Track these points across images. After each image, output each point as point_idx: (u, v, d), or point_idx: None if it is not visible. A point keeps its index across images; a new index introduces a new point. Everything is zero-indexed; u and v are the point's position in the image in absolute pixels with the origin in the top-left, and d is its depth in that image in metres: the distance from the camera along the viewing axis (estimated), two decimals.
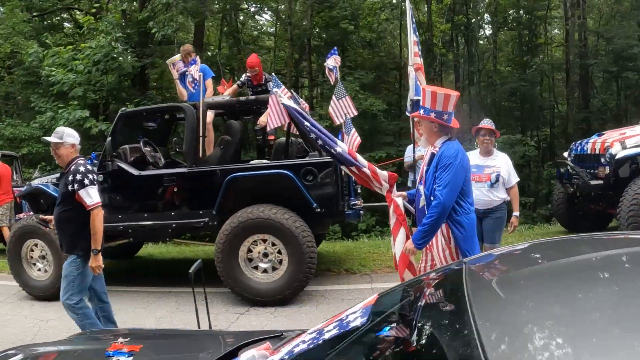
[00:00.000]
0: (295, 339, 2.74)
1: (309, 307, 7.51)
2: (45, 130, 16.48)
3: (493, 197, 6.78)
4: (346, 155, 5.60)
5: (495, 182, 6.74)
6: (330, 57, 9.05)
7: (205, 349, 3.23)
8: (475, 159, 6.77)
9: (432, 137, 5.09)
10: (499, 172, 6.74)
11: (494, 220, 6.87)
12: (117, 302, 8.00)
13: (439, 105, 5.01)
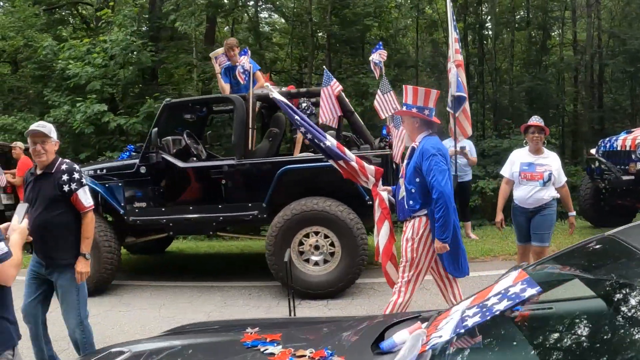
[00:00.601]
0: (442, 317, 2.78)
1: (361, 299, 7.47)
2: (58, 125, 16.34)
3: (543, 195, 6.59)
4: (335, 149, 5.84)
5: (548, 181, 6.55)
6: (375, 52, 9.00)
7: (346, 332, 3.18)
8: (525, 156, 6.70)
9: (414, 133, 5.40)
10: (551, 170, 6.55)
11: (543, 218, 6.66)
12: (159, 297, 7.99)
13: (420, 101, 5.32)
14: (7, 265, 2.90)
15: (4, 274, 2.91)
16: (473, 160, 10.48)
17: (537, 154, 6.67)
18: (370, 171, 5.93)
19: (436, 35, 23.02)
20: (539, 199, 6.59)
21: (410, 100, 5.37)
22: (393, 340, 2.69)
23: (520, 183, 6.69)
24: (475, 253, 9.37)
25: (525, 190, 6.65)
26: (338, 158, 5.88)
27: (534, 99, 19.89)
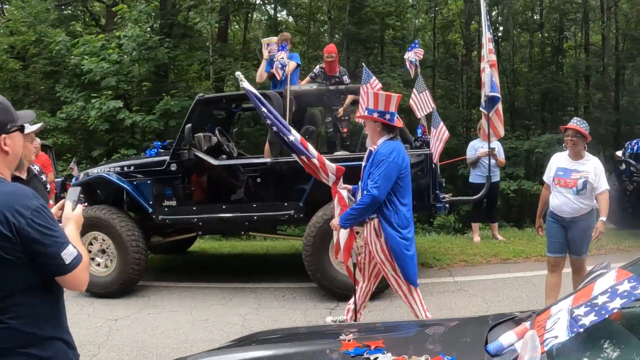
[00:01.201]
0: (544, 318, 2.72)
1: (400, 301, 7.13)
2: (71, 121, 16.16)
3: (580, 204, 6.13)
4: (298, 145, 6.01)
5: (582, 189, 6.07)
6: (411, 50, 8.85)
7: (448, 336, 3.03)
8: (563, 161, 6.30)
9: (376, 136, 5.60)
10: (587, 177, 6.06)
11: (581, 231, 6.23)
12: (189, 299, 7.82)
13: (380, 105, 5.50)
14: (80, 270, 2.45)
15: (78, 280, 2.46)
16: (501, 161, 10.34)
17: (576, 158, 6.21)
18: (331, 169, 6.09)
19: (450, 36, 22.91)
20: (575, 209, 6.16)
21: (371, 105, 5.58)
22: (500, 343, 2.63)
23: (554, 189, 6.33)
24: (507, 254, 9.25)
25: (558, 198, 6.26)
26: (301, 153, 6.04)
27: (550, 101, 19.79)
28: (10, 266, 2.28)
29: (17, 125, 2.50)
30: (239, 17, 22.10)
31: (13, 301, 2.32)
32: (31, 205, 2.31)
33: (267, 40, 9.22)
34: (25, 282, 2.34)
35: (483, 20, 8.45)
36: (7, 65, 18.06)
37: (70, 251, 2.39)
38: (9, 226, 2.25)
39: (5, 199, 2.30)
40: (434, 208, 7.68)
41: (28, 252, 2.30)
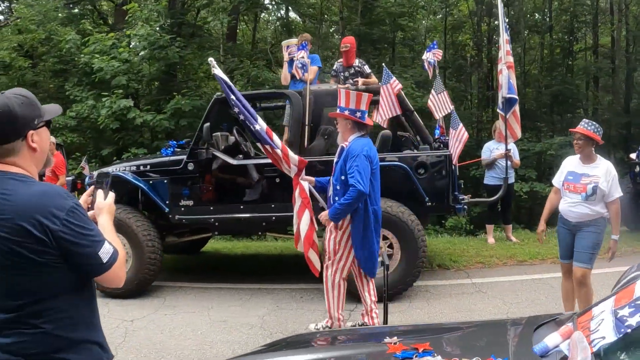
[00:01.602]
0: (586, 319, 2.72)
1: (419, 302, 7.28)
2: (80, 120, 16.13)
3: (589, 210, 5.84)
4: (263, 134, 6.14)
5: (591, 195, 5.78)
6: (429, 51, 8.80)
7: (494, 337, 2.99)
8: (574, 164, 6.04)
9: (347, 133, 5.90)
10: (597, 183, 5.75)
11: (586, 235, 5.90)
12: (205, 299, 7.77)
13: (352, 104, 5.79)
14: (118, 267, 2.36)
15: (116, 277, 2.38)
16: (517, 163, 10.30)
17: (587, 162, 5.93)
18: (294, 161, 6.25)
19: (460, 37, 22.86)
20: (582, 214, 5.89)
21: (343, 103, 5.83)
22: (546, 344, 2.63)
23: (563, 194, 6.08)
24: (523, 256, 9.20)
25: (567, 203, 6.01)
26: (265, 143, 6.18)
27: (560, 103, 19.74)
28: (43, 270, 2.21)
29: (44, 120, 2.39)
30: (247, 17, 22.06)
31: (46, 305, 2.25)
32: (65, 206, 2.23)
33: (287, 42, 9.21)
34: (59, 285, 2.27)
35: (500, 22, 8.41)
36: (16, 63, 18.04)
37: (107, 249, 2.31)
38: (43, 229, 2.16)
39: (38, 200, 2.21)
40: (453, 209, 7.63)
41: (64, 254, 2.23)
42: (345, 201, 5.66)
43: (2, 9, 24.90)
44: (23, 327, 2.22)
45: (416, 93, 15.94)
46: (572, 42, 21.86)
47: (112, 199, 2.67)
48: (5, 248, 2.17)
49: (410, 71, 17.30)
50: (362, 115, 5.83)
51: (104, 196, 2.66)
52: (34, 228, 2.15)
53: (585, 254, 5.90)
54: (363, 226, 5.79)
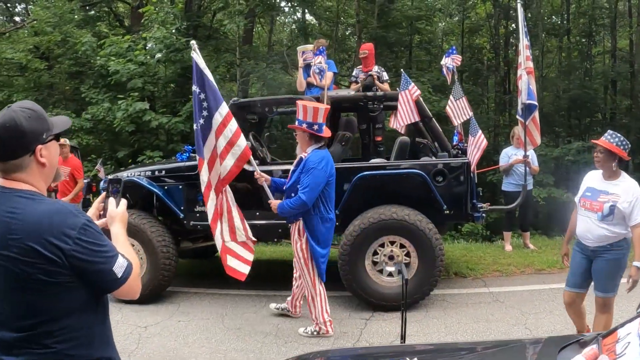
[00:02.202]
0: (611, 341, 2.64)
1: (436, 312, 7.17)
2: (96, 122, 16.14)
3: (607, 231, 5.22)
4: (199, 134, 6.37)
5: (608, 215, 5.18)
6: (448, 56, 8.71)
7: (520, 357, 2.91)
8: (595, 180, 5.46)
9: (305, 145, 6.26)
10: (615, 202, 5.14)
11: (606, 263, 5.30)
12: (220, 306, 7.75)
13: (309, 117, 6.07)
14: (133, 279, 2.32)
15: (132, 290, 2.35)
16: (535, 169, 10.15)
17: (609, 178, 5.31)
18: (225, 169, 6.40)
19: (477, 40, 22.73)
20: (600, 237, 5.26)
21: (301, 116, 6.12)
22: None
23: (579, 212, 5.51)
24: (541, 264, 9.07)
25: (583, 223, 5.43)
26: (200, 141, 6.40)
27: (579, 108, 19.56)
28: (55, 290, 2.16)
29: (53, 134, 2.32)
30: (264, 19, 22.05)
31: (59, 325, 2.19)
32: (77, 224, 2.17)
33: (302, 48, 9.14)
34: (72, 304, 2.21)
35: (520, 27, 8.30)
36: (32, 65, 18.10)
37: (121, 263, 2.26)
38: (55, 250, 2.10)
39: (49, 220, 2.13)
40: (471, 217, 7.52)
41: (77, 273, 2.17)
42: (291, 204, 6.11)
43: (19, 10, 25.02)
44: (34, 346, 2.17)
45: (433, 97, 15.83)
46: (590, 46, 21.65)
47: (124, 207, 2.63)
48: (16, 269, 2.11)
49: (427, 75, 17.21)
50: (319, 128, 6.13)
51: (115, 204, 2.62)
52: (45, 249, 2.09)
53: (606, 283, 5.34)
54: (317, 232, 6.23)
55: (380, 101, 8.26)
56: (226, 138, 6.25)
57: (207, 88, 6.36)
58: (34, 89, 19.09)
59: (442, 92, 16.67)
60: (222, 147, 6.28)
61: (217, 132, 6.28)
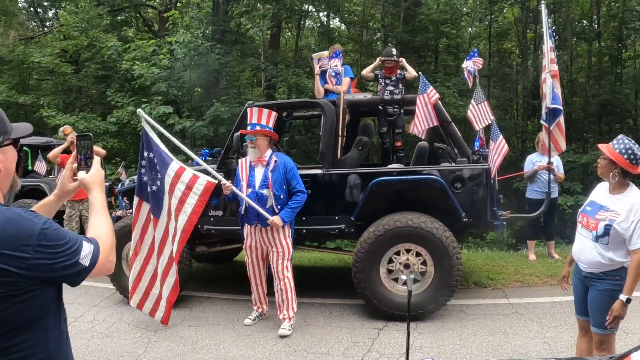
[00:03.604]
0: None
1: (452, 323, 6.95)
2: (121, 125, 16.21)
3: (600, 256, 4.39)
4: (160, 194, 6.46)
5: (602, 236, 4.34)
6: (470, 59, 8.50)
7: None
8: (600, 193, 4.63)
9: (266, 148, 6.70)
10: (612, 221, 4.29)
11: (599, 294, 4.45)
12: (232, 312, 7.74)
13: (263, 120, 6.62)
14: (103, 259, 2.18)
15: (104, 267, 2.20)
16: (560, 177, 9.89)
17: (614, 191, 4.46)
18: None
19: (505, 44, 22.44)
20: (592, 262, 4.45)
21: (255, 119, 6.62)
22: None
23: (577, 229, 4.69)
24: None
25: (578, 242, 4.64)
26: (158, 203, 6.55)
27: (609, 113, 19.18)
28: (8, 303, 1.97)
29: (11, 138, 2.18)
30: (291, 24, 22.00)
31: (10, 340, 2.01)
32: (35, 229, 1.99)
33: (318, 55, 9.00)
34: (22, 317, 2.02)
35: (544, 29, 8.07)
36: (59, 69, 18.26)
37: (86, 250, 2.11)
38: (14, 261, 1.93)
39: (3, 231, 1.94)
40: (491, 226, 7.29)
41: (40, 278, 2.01)
42: (296, 205, 6.62)
43: (50, 16, 25.33)
44: None
45: (459, 102, 15.61)
46: (621, 50, 21.20)
47: (97, 168, 2.45)
48: None
49: (453, 79, 16.97)
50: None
51: (83, 166, 2.45)
52: (2, 262, 1.93)
53: (601, 318, 4.41)
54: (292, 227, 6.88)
55: (399, 105, 8.09)
56: (184, 184, 6.29)
57: (156, 153, 6.48)
58: (62, 92, 19.26)
59: (468, 97, 16.42)
60: (179, 195, 6.31)
61: (169, 192, 6.38)
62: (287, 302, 6.81)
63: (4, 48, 18.77)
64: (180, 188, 6.29)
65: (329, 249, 9.54)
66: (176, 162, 6.41)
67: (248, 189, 6.66)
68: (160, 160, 6.42)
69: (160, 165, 6.42)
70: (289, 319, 6.79)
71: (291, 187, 6.65)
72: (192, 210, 6.26)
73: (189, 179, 6.26)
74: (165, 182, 6.38)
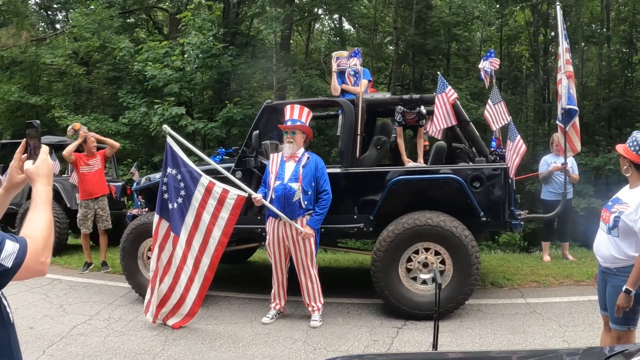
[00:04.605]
0: None
1: (470, 322, 6.94)
2: (132, 126, 16.25)
3: (613, 250, 4.38)
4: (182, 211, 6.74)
5: (613, 228, 4.35)
6: (486, 59, 8.51)
7: None
8: (623, 189, 4.61)
9: (302, 144, 6.82)
10: (621, 213, 4.30)
11: (614, 290, 4.40)
12: (249, 311, 7.70)
13: (303, 117, 6.78)
14: (31, 259, 1.93)
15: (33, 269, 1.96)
16: (575, 178, 9.87)
17: (632, 186, 4.45)
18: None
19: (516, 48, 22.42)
20: (606, 255, 4.47)
21: (296, 115, 6.72)
22: None
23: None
24: (580, 276, 8.77)
25: (597, 237, 4.63)
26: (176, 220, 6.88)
27: (620, 117, 19.14)
28: None
29: None
30: (301, 27, 22.04)
31: None
32: None
33: (337, 53, 9.04)
34: None
35: (559, 30, 8.08)
36: (71, 70, 18.31)
37: (9, 250, 1.88)
38: None
39: None
40: (509, 225, 7.29)
41: None
42: (323, 210, 6.74)
43: (60, 18, 25.44)
44: None
45: (471, 104, 15.62)
46: (631, 53, 21.15)
47: (43, 158, 2.25)
48: None
49: (465, 82, 16.99)
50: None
51: (33, 160, 2.26)
52: None
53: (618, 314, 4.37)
54: None
55: (417, 105, 8.10)
56: (215, 199, 6.52)
57: (183, 168, 6.67)
58: (73, 93, 19.33)
59: (480, 100, 16.47)
60: (211, 211, 6.55)
61: (200, 207, 6.60)
62: (315, 293, 6.98)
63: (16, 49, 18.83)
64: (212, 204, 6.48)
65: (351, 248, 9.57)
66: (205, 177, 6.56)
67: (276, 181, 6.73)
68: (189, 176, 6.59)
69: (188, 181, 6.59)
70: (318, 310, 6.99)
71: (319, 186, 6.72)
72: (225, 224, 6.49)
73: (219, 194, 6.46)
74: (194, 197, 6.54)
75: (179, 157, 6.74)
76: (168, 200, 6.75)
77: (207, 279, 6.78)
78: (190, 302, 6.84)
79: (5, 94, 18.45)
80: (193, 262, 6.75)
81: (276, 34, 15.96)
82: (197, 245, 6.68)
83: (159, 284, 6.90)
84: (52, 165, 2.28)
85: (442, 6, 19.29)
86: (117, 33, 18.67)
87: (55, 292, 8.76)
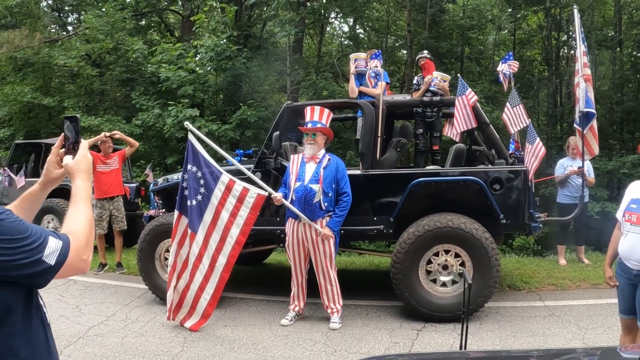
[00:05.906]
0: None
1: (490, 324, 6.93)
2: (146, 128, 16.29)
3: None
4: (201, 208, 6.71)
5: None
6: (505, 62, 8.52)
7: None
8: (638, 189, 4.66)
9: (323, 145, 6.85)
10: None
11: None
12: (267, 312, 7.72)
13: (323, 119, 6.81)
14: (73, 258, 1.90)
15: (75, 268, 1.93)
16: (591, 181, 9.85)
17: None
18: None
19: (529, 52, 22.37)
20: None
21: (317, 117, 6.76)
22: None
23: (623, 228, 4.61)
24: (597, 279, 8.72)
25: (628, 241, 4.51)
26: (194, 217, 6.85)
27: (633, 121, 19.09)
28: None
29: None
30: (313, 30, 22.06)
31: None
32: None
33: (355, 55, 9.07)
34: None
35: (577, 33, 8.07)
36: (84, 71, 18.37)
37: (52, 247, 1.84)
38: None
39: None
40: (528, 228, 7.29)
41: None
42: (343, 212, 6.76)
43: (72, 20, 25.53)
44: None
45: (485, 108, 15.58)
46: None
47: (83, 154, 2.24)
48: None
49: (478, 86, 16.96)
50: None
51: (70, 149, 2.25)
52: None
53: None
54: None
55: (437, 107, 8.10)
56: (235, 197, 6.53)
57: (204, 166, 6.68)
58: (85, 95, 19.38)
59: (494, 103, 16.45)
60: (230, 209, 6.57)
61: (220, 205, 6.60)
62: (334, 295, 6.98)
63: (29, 50, 18.90)
64: (232, 202, 6.48)
65: (368, 250, 9.57)
66: (226, 175, 6.58)
67: (297, 182, 6.76)
68: (209, 173, 6.60)
69: (209, 179, 6.60)
70: (337, 312, 6.99)
71: (339, 187, 6.74)
72: (244, 222, 6.49)
73: (239, 192, 6.47)
74: (214, 195, 6.55)
75: (199, 154, 6.78)
76: (187, 196, 6.77)
77: (223, 279, 6.75)
78: (204, 303, 6.81)
79: (19, 95, 18.51)
80: (209, 261, 6.73)
81: (290, 37, 15.98)
82: (214, 243, 6.66)
83: (177, 280, 6.91)
84: (91, 160, 2.28)
85: (456, 9, 19.25)
86: (130, 35, 18.72)
87: (70, 293, 8.78)
